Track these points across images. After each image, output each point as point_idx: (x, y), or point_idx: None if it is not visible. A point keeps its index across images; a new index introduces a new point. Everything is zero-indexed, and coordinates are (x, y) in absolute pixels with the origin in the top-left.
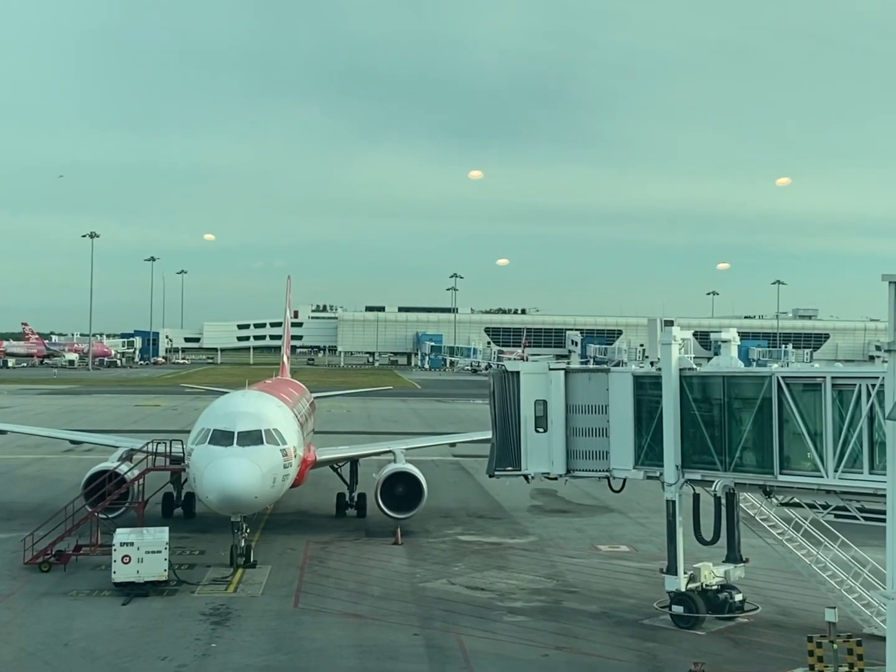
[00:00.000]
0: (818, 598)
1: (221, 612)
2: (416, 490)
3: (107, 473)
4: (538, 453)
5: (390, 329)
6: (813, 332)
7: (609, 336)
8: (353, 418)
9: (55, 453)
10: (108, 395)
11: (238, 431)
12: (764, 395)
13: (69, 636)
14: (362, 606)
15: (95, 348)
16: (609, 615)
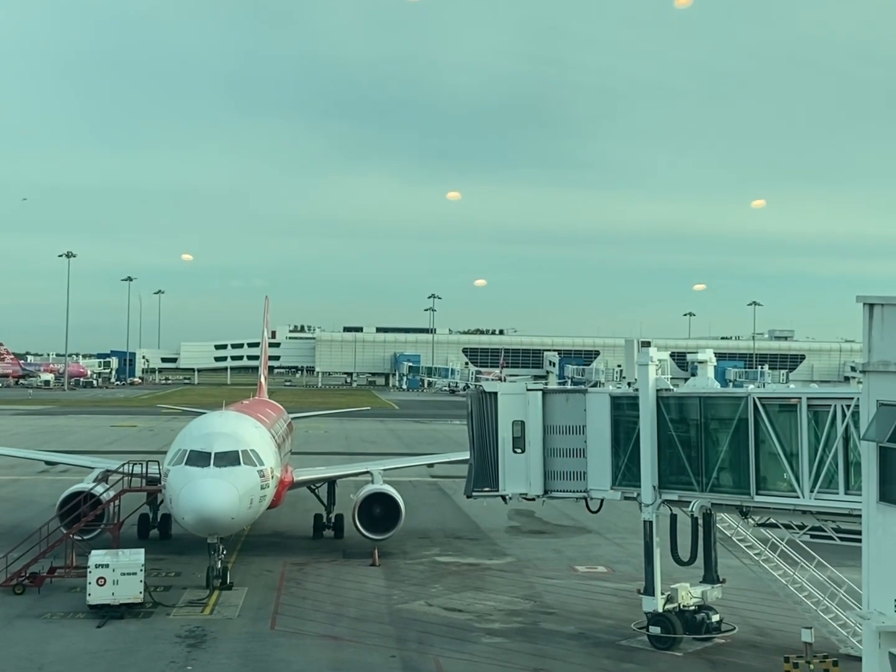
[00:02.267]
0: (795, 618)
1: (197, 635)
2: (393, 511)
3: (82, 495)
4: (516, 474)
5: (368, 349)
6: (789, 353)
7: (586, 357)
8: (330, 439)
9: (30, 474)
10: (84, 415)
11: (215, 452)
12: (740, 415)
13: (43, 659)
14: (339, 628)
15: (71, 368)
16: (586, 636)
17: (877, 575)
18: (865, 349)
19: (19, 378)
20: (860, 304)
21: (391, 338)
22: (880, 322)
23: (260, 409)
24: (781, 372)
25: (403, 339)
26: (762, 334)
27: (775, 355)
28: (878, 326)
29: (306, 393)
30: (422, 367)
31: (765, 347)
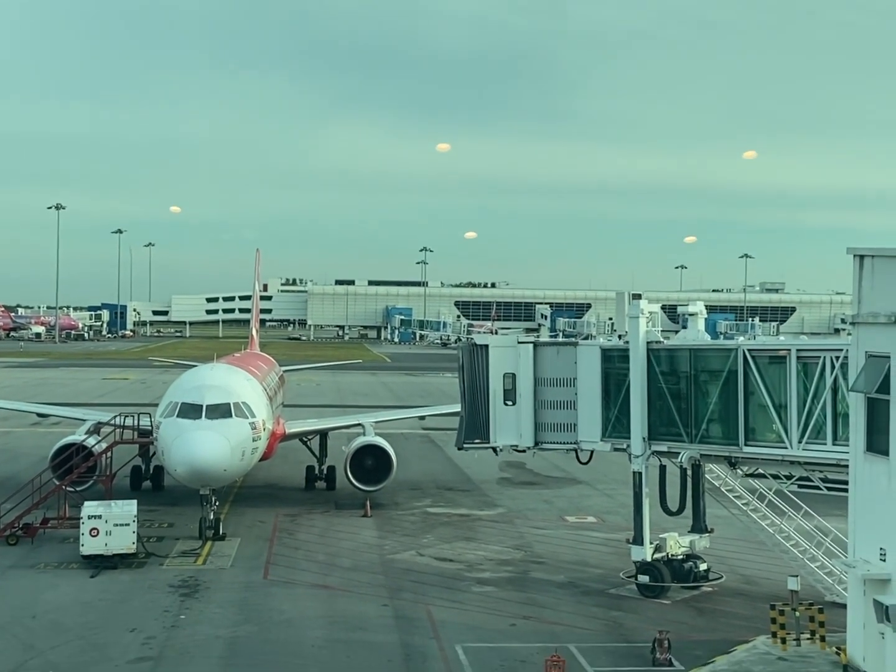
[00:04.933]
0: (781, 566)
1: (190, 584)
2: (385, 463)
3: (74, 446)
4: (507, 426)
5: (360, 302)
6: (780, 305)
7: (578, 310)
8: (322, 392)
9: (22, 426)
10: (76, 368)
11: (206, 405)
12: (730, 367)
13: (37, 609)
14: (332, 578)
15: (62, 321)
16: (576, 585)
17: (863, 524)
18: (855, 301)
19: (10, 331)
20: (851, 256)
21: (383, 291)
22: (870, 274)
23: (251, 361)
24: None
25: (395, 293)
26: (753, 287)
27: (766, 308)
28: (868, 278)
29: (298, 346)
30: (414, 320)
31: (756, 300)
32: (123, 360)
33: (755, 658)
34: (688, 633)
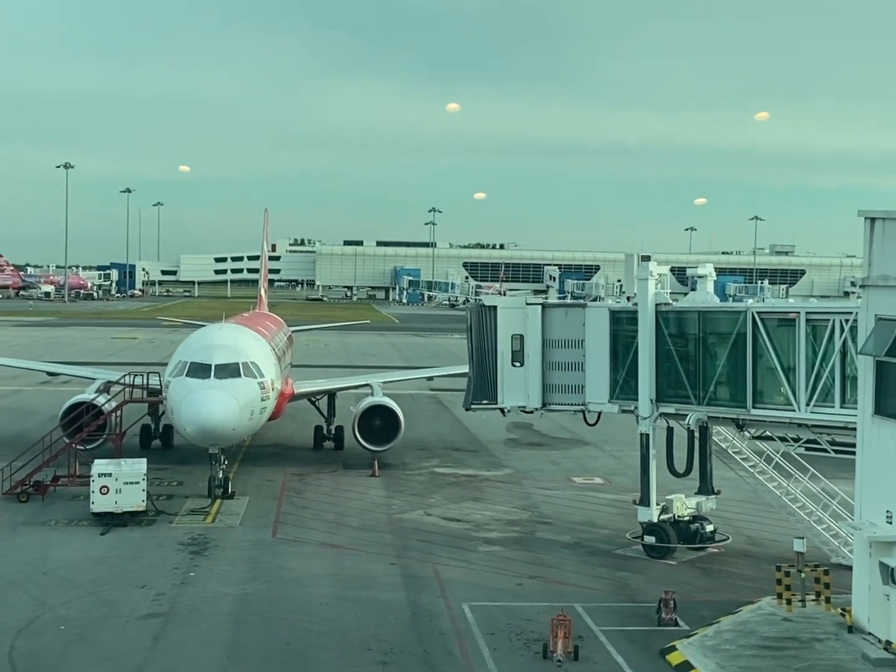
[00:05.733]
0: (788, 529)
1: (199, 542)
2: (393, 423)
3: (84, 405)
4: (514, 387)
5: (368, 263)
6: (789, 268)
7: (587, 271)
8: (330, 352)
9: (32, 385)
10: (85, 327)
11: (215, 364)
12: (739, 330)
13: (48, 565)
14: (339, 537)
15: (71, 280)
16: (582, 545)
17: (869, 487)
18: (865, 264)
19: (20, 290)
20: (862, 219)
21: (391, 252)
22: (881, 236)
23: (260, 321)
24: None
25: (404, 253)
26: (763, 249)
27: (776, 270)
28: (878, 241)
29: (306, 306)
30: (422, 281)
31: (765, 262)
32: (132, 319)
33: (760, 619)
34: (693, 594)
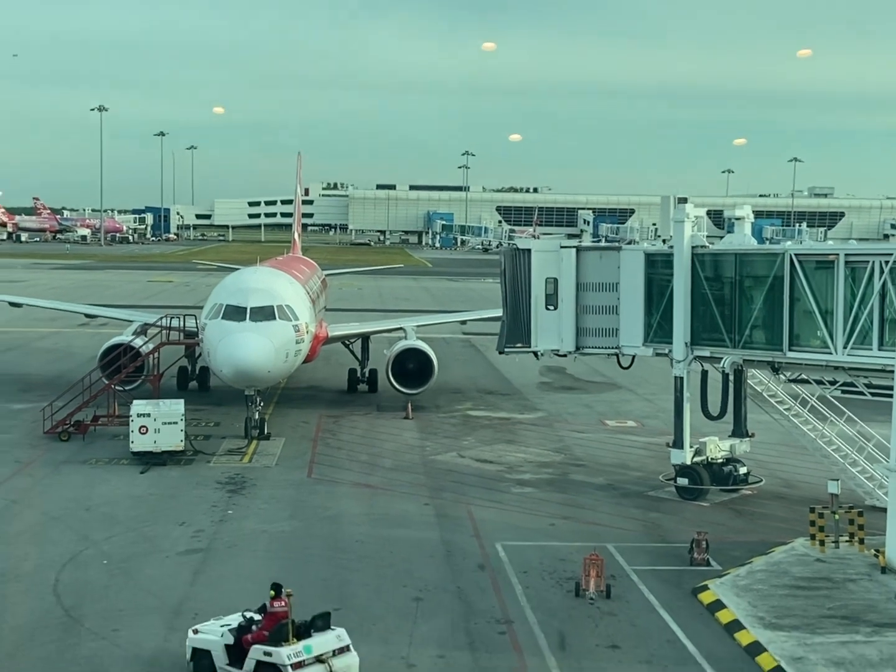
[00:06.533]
0: (822, 471)
1: (237, 481)
2: (426, 366)
3: (122, 347)
4: (548, 330)
5: (401, 207)
6: (828, 210)
7: (621, 215)
8: (364, 296)
9: (70, 327)
10: (121, 270)
11: (250, 307)
12: (776, 272)
13: (90, 502)
14: (374, 477)
15: (107, 224)
16: (615, 487)
17: None
18: None
19: (56, 233)
20: None
21: (424, 196)
22: None
23: (294, 265)
24: (820, 230)
25: (437, 197)
26: (801, 191)
27: (814, 213)
28: None
29: (340, 250)
30: (455, 226)
31: (804, 205)
32: (168, 263)
33: (793, 559)
34: (725, 535)
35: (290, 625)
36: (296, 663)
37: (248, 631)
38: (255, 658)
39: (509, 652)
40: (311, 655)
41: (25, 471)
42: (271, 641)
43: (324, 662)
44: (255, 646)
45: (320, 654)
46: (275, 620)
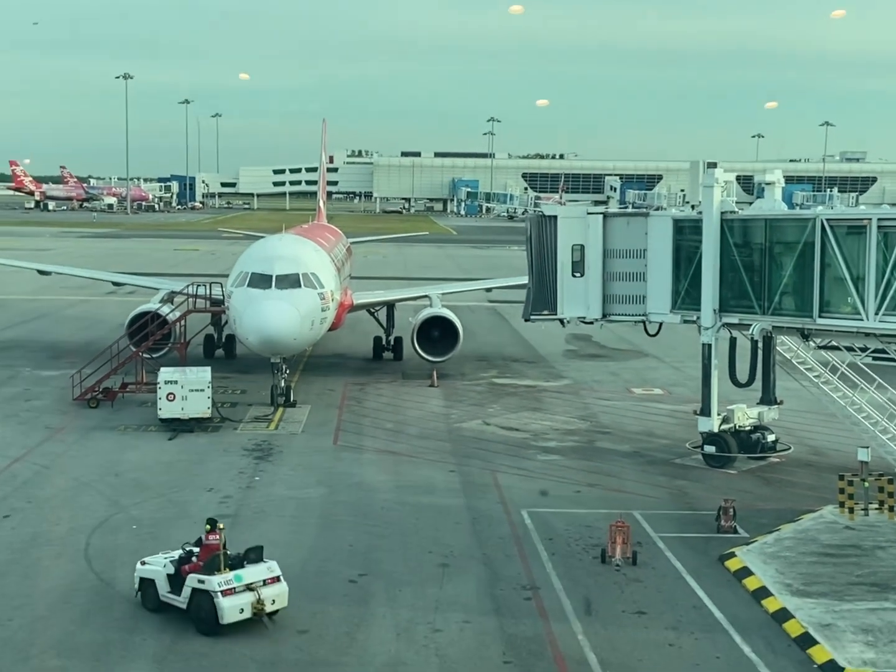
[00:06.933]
0: (852, 438)
1: (264, 448)
2: (451, 334)
3: (149, 314)
4: (574, 298)
5: (426, 175)
6: (860, 175)
7: (649, 181)
8: (389, 264)
9: (98, 295)
10: (148, 238)
11: (276, 275)
12: (806, 238)
13: (119, 467)
14: (400, 445)
15: (133, 192)
16: (641, 454)
17: None
18: None
19: (83, 201)
20: None
21: (449, 163)
22: None
23: (319, 233)
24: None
25: (462, 164)
26: (833, 156)
27: (846, 178)
28: None
29: (364, 218)
30: (480, 193)
31: (835, 170)
32: (193, 231)
33: (822, 527)
34: (753, 502)
35: (221, 556)
36: (226, 590)
37: (188, 562)
38: (190, 586)
39: (535, 618)
40: (241, 584)
41: (56, 437)
42: (205, 570)
43: (253, 590)
44: (191, 575)
45: (250, 582)
46: (209, 552)
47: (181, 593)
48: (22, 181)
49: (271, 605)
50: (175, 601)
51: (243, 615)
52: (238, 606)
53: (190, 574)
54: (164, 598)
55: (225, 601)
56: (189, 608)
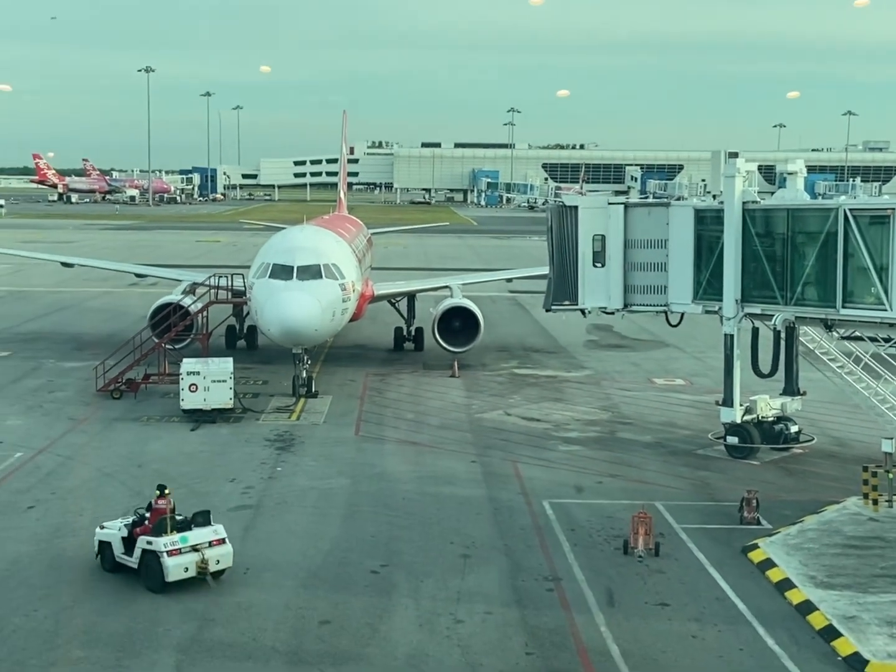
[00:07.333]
0: (875, 430)
1: (285, 439)
2: (472, 324)
3: (172, 306)
4: (595, 288)
5: (446, 165)
6: (883, 164)
7: (670, 171)
8: (409, 255)
9: (121, 286)
10: (170, 230)
11: (297, 266)
12: (829, 228)
13: (142, 458)
14: (421, 435)
15: (155, 184)
16: (663, 445)
17: None
18: None
19: (106, 194)
20: None
21: (469, 153)
22: None
23: (340, 224)
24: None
25: (482, 155)
26: (856, 146)
27: (868, 167)
28: None
29: (385, 209)
30: (500, 183)
31: (858, 159)
32: (215, 222)
33: (845, 518)
34: (776, 493)
35: (168, 519)
36: (171, 550)
37: (140, 525)
38: (140, 547)
39: (557, 609)
40: (186, 545)
41: (79, 428)
42: (153, 532)
43: (198, 551)
44: (141, 537)
45: (195, 544)
46: (158, 516)
47: (133, 554)
48: (45, 174)
49: (216, 564)
50: (128, 561)
51: (188, 574)
52: (182, 565)
53: (140, 536)
54: (119, 559)
55: (170, 560)
56: (139, 568)
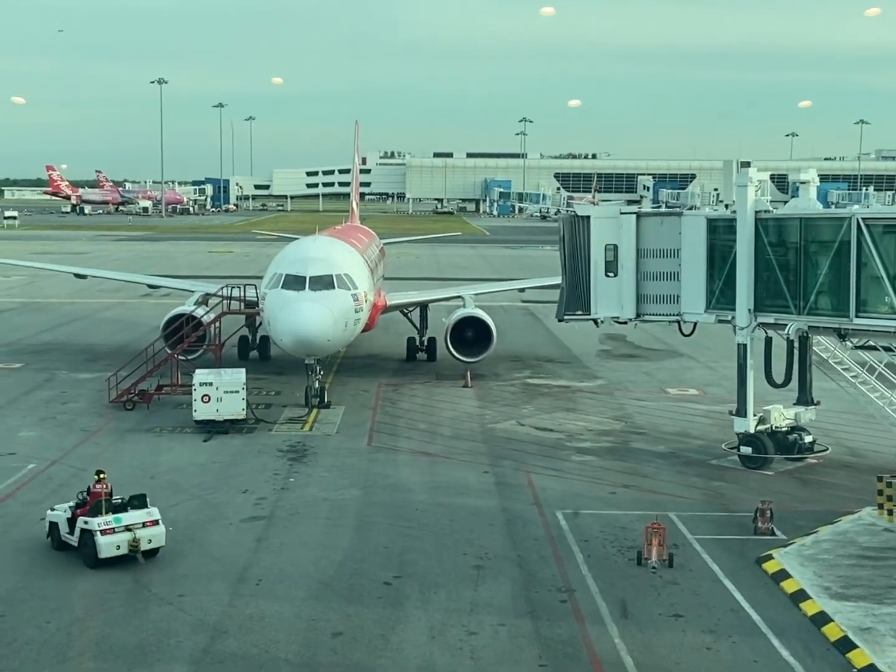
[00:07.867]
0: (890, 439)
1: (298, 449)
2: (485, 334)
3: (184, 317)
4: (608, 298)
5: (458, 175)
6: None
7: (682, 181)
8: (422, 264)
9: (134, 297)
10: (182, 241)
11: (310, 276)
12: (842, 237)
13: (155, 469)
14: (434, 446)
15: (168, 195)
16: (676, 455)
17: None
18: None
19: (119, 205)
20: None
21: (481, 163)
22: None
23: (352, 234)
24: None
25: (494, 165)
26: (868, 155)
27: (881, 176)
28: None
29: (397, 219)
30: (512, 193)
31: (871, 168)
32: (228, 233)
33: (860, 529)
34: (791, 504)
35: (103, 501)
36: (105, 529)
37: (82, 507)
38: (80, 527)
39: (571, 620)
40: (120, 525)
41: (92, 439)
42: (90, 513)
43: (131, 531)
44: (80, 517)
45: (129, 524)
46: (95, 498)
47: (74, 534)
48: (58, 185)
49: (147, 544)
50: (70, 540)
51: (120, 551)
52: (115, 543)
53: (80, 517)
54: (64, 538)
55: (103, 539)
56: (78, 546)
